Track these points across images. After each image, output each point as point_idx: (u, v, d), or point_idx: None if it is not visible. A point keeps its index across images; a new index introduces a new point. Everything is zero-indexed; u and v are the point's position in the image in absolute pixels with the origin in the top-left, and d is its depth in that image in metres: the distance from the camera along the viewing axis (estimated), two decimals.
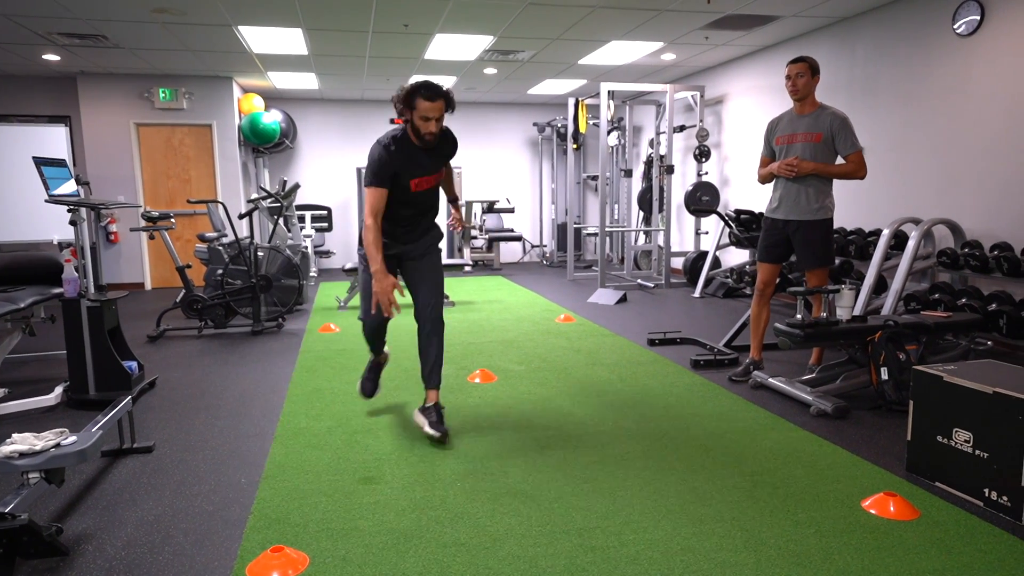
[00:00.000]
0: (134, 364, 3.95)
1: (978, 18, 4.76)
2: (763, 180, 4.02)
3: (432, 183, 3.21)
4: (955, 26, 4.95)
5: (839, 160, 3.77)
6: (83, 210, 3.90)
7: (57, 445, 2.29)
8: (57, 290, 3.99)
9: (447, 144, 3.23)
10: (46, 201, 3.72)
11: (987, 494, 2.40)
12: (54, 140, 6.23)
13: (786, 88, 3.80)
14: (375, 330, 3.41)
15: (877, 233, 5.44)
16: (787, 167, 3.76)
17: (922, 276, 5.19)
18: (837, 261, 5.44)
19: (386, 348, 3.63)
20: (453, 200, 3.59)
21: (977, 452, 2.44)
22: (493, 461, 2.90)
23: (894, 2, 5.50)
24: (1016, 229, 4.61)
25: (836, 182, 3.90)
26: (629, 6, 5.52)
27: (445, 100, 3.03)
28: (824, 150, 3.73)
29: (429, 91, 2.97)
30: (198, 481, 2.76)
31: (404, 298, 3.09)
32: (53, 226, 5.81)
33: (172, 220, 5.92)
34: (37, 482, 2.25)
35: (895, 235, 5.01)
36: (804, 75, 3.72)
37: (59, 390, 3.80)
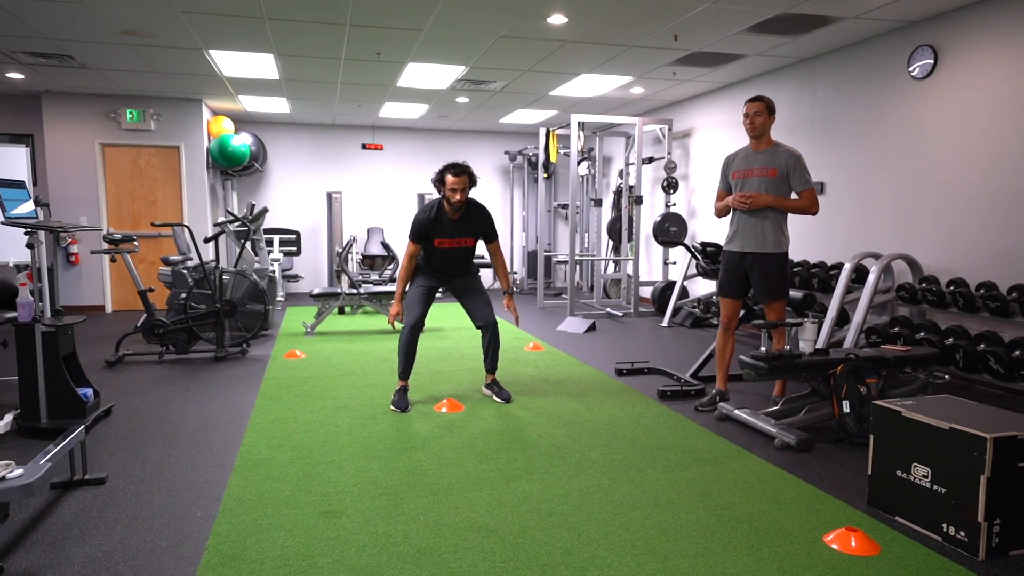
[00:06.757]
0: (89, 391, 3.83)
1: (932, 62, 4.95)
2: (719, 213, 4.11)
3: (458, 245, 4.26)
4: (910, 69, 5.14)
5: (792, 196, 3.88)
6: (41, 233, 3.81)
7: (2, 479, 2.20)
8: (11, 314, 3.87)
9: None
10: (2, 223, 3.62)
11: (945, 529, 2.44)
12: (13, 160, 6.09)
13: (743, 125, 3.91)
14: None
15: (839, 267, 5.57)
16: (742, 200, 3.85)
17: (882, 309, 5.32)
18: (800, 294, 5.55)
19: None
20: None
21: (935, 487, 2.48)
22: (457, 494, 2.86)
23: (853, 45, 5.70)
24: (970, 265, 4.75)
25: (795, 218, 4.00)
26: (598, 41, 5.63)
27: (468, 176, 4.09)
28: (779, 185, 3.83)
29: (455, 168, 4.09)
30: (152, 515, 2.67)
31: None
32: (9, 248, 5.65)
33: (135, 243, 5.81)
34: None
35: (856, 269, 5.13)
36: (761, 114, 3.84)
37: (9, 418, 3.67)
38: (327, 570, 2.24)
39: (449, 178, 4.03)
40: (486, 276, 11.31)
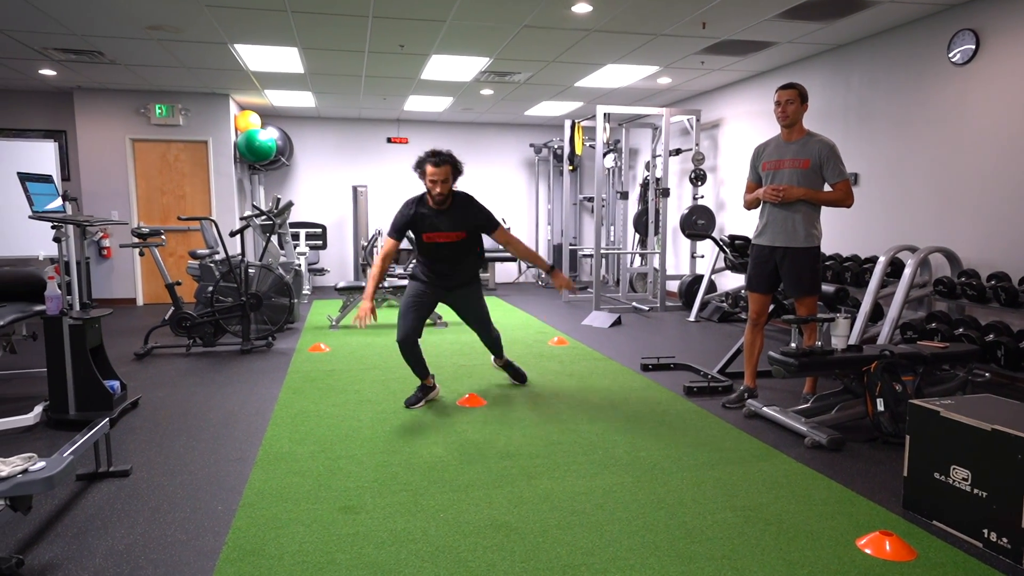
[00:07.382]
0: (116, 384, 3.87)
1: (973, 47, 4.76)
2: (749, 206, 3.98)
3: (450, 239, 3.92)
4: (950, 55, 4.95)
5: (826, 187, 3.74)
6: (68, 227, 3.84)
7: (24, 471, 2.21)
8: (39, 307, 3.92)
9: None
10: (30, 217, 3.66)
11: (986, 535, 2.33)
12: (43, 155, 6.18)
13: (775, 114, 3.78)
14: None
15: (873, 260, 5.40)
16: (773, 192, 3.73)
17: (919, 305, 5.15)
18: (833, 288, 5.40)
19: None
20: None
21: (975, 491, 2.37)
22: (478, 490, 2.82)
23: (889, 30, 5.51)
24: (1013, 258, 4.57)
25: (828, 210, 3.87)
26: (624, 30, 5.52)
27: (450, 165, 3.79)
28: (812, 177, 3.70)
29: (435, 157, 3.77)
30: (173, 508, 2.68)
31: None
32: (40, 242, 5.74)
33: (162, 236, 5.87)
34: (2, 509, 2.17)
35: (891, 262, 4.98)
36: (794, 102, 3.70)
37: (39, 409, 3.71)
38: (345, 567, 2.22)
39: (429, 168, 3.73)
40: (510, 269, 11.26)
